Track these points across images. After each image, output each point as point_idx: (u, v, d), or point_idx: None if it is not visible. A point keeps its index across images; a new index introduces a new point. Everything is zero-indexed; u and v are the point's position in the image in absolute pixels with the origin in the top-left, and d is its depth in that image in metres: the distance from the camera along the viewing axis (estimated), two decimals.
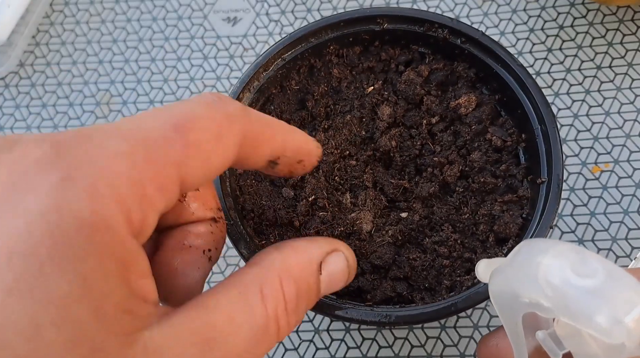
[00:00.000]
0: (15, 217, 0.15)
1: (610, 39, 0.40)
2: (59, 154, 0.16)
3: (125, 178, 0.16)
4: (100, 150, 0.16)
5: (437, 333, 0.34)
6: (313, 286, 0.21)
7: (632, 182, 0.36)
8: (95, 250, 0.15)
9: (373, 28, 0.32)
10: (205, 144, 0.17)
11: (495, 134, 0.30)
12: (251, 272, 0.19)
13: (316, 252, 0.21)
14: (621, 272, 0.16)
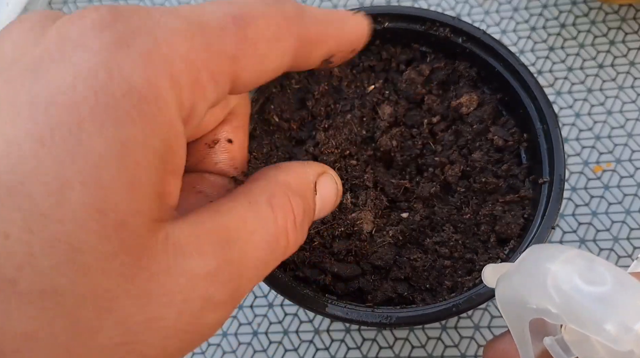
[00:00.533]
0: (61, 69, 0.14)
1: (612, 38, 0.40)
2: (116, 19, 0.15)
3: (182, 56, 0.15)
4: (159, 24, 0.15)
5: (438, 333, 0.34)
6: (312, 206, 0.20)
7: (634, 181, 0.36)
8: (140, 119, 0.14)
9: (374, 27, 0.31)
10: (263, 42, 0.17)
11: (497, 134, 0.29)
12: (258, 185, 0.18)
13: (311, 172, 0.21)
14: (630, 279, 0.16)
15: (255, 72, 0.17)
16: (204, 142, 0.20)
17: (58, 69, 0.14)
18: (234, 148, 0.21)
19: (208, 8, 0.16)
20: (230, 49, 0.16)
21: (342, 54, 0.21)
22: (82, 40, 0.14)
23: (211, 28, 0.16)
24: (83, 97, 0.13)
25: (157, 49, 0.14)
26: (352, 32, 0.21)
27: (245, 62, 0.16)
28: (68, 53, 0.14)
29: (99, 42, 0.14)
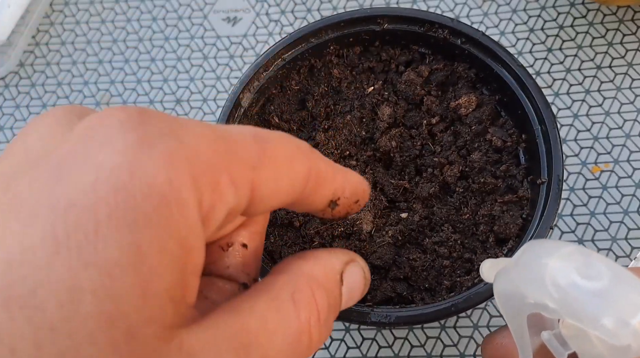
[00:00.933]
0: (85, 169, 0.14)
1: (610, 39, 0.40)
2: (143, 121, 0.15)
3: (205, 159, 0.15)
4: (185, 129, 0.15)
5: (437, 333, 0.34)
6: (338, 298, 0.20)
7: (632, 182, 0.36)
8: (159, 221, 0.14)
9: (373, 28, 0.32)
10: (281, 160, 0.17)
11: (496, 135, 0.30)
12: (280, 279, 0.18)
13: (337, 262, 0.20)
14: (627, 274, 0.16)
15: (272, 188, 0.17)
16: (218, 245, 0.20)
17: (82, 169, 0.14)
18: (248, 253, 0.20)
19: (232, 126, 0.17)
20: (251, 159, 0.16)
21: (346, 201, 0.21)
22: (108, 140, 0.14)
23: (234, 138, 0.16)
24: (103, 198, 0.13)
25: (181, 150, 0.15)
26: (356, 181, 0.21)
27: (264, 175, 0.17)
28: (93, 152, 0.14)
29: (124, 142, 0.14)
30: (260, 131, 0.17)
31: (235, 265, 0.20)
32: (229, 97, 0.30)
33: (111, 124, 0.15)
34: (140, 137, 0.14)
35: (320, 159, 0.19)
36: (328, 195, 0.20)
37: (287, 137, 0.18)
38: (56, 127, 0.16)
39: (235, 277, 0.20)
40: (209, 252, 0.20)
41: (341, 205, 0.21)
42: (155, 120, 0.15)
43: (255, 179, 0.16)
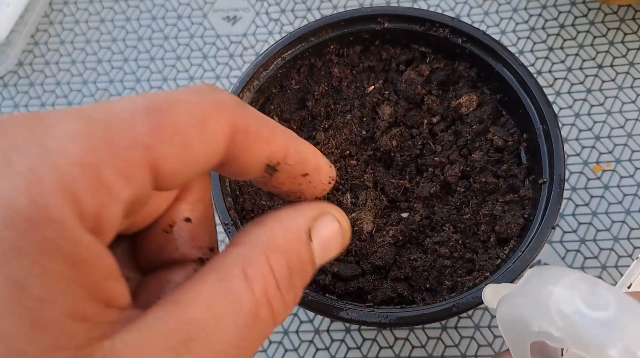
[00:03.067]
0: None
1: (612, 38, 0.40)
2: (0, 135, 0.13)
3: (76, 161, 0.13)
4: (50, 131, 0.13)
5: (438, 333, 0.34)
6: (305, 257, 0.18)
7: (633, 181, 0.36)
8: (31, 248, 0.12)
9: (374, 27, 0.32)
10: (184, 127, 0.15)
11: (497, 134, 0.29)
12: (231, 254, 0.16)
13: (303, 219, 0.18)
14: (633, 303, 0.16)
15: (180, 160, 0.15)
16: (160, 228, 0.18)
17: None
18: (194, 227, 0.19)
19: (118, 103, 0.15)
20: (141, 138, 0.14)
21: (289, 168, 0.18)
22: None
23: (117, 121, 0.14)
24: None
25: (45, 161, 0.13)
26: (305, 151, 0.19)
27: (164, 150, 0.15)
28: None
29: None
30: (158, 98, 0.15)
31: (185, 243, 0.18)
32: None
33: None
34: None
35: (250, 114, 0.17)
36: (262, 156, 0.17)
37: (198, 95, 0.16)
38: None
39: (188, 255, 0.19)
40: (154, 238, 0.18)
41: (282, 174, 0.18)
42: (14, 129, 0.13)
43: (152, 158, 0.15)
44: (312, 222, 0.19)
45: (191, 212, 0.19)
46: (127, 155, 0.14)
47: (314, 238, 0.18)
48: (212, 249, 0.19)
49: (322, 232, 0.19)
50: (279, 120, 0.31)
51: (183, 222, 0.18)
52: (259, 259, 0.16)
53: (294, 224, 0.18)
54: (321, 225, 0.19)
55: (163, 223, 0.18)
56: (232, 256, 0.16)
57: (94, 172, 0.14)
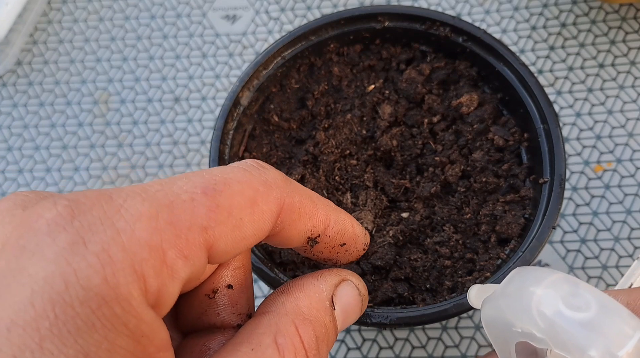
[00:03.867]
0: (20, 284, 0.14)
1: (613, 37, 0.40)
2: (73, 215, 0.14)
3: (144, 242, 0.15)
4: (119, 212, 0.15)
5: (438, 334, 0.34)
6: (330, 325, 0.19)
7: (634, 181, 0.36)
8: (101, 323, 0.14)
9: (374, 26, 0.31)
10: (237, 208, 0.16)
11: (497, 133, 0.29)
12: (262, 323, 0.17)
13: (325, 286, 0.19)
14: (614, 304, 0.16)
15: (233, 240, 0.16)
16: (203, 293, 0.20)
17: (17, 284, 0.14)
18: (236, 292, 0.20)
19: (178, 182, 0.16)
20: (200, 220, 0.16)
21: (329, 240, 0.20)
22: (38, 248, 0.14)
23: (179, 202, 0.15)
24: (42, 313, 0.13)
25: (116, 241, 0.14)
26: (344, 221, 0.20)
27: (219, 231, 0.16)
28: (25, 264, 0.14)
29: (55, 247, 0.14)
30: (214, 179, 0.16)
31: (225, 310, 0.19)
32: (228, 95, 0.30)
33: (40, 228, 0.14)
34: (72, 237, 0.14)
35: (295, 191, 0.18)
36: (305, 230, 0.19)
37: (249, 174, 0.17)
38: None
39: (228, 321, 0.19)
40: (197, 303, 0.19)
41: (322, 245, 0.20)
42: (87, 210, 0.15)
43: (209, 239, 0.16)
44: (333, 289, 0.20)
45: (233, 278, 0.20)
46: (187, 237, 0.15)
47: (336, 305, 0.19)
48: (250, 315, 0.20)
49: (343, 299, 0.20)
50: (279, 120, 0.31)
51: (225, 289, 0.20)
52: (288, 328, 0.17)
53: (318, 293, 0.19)
54: (342, 292, 0.20)
55: (206, 288, 0.20)
56: (262, 325, 0.17)
57: (159, 253, 0.15)
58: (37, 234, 0.14)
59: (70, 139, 0.42)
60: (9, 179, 0.41)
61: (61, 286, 0.13)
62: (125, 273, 0.14)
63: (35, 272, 0.14)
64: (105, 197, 0.15)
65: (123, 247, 0.14)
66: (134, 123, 0.42)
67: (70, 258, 0.14)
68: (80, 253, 0.14)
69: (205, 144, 0.41)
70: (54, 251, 0.14)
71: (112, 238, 0.14)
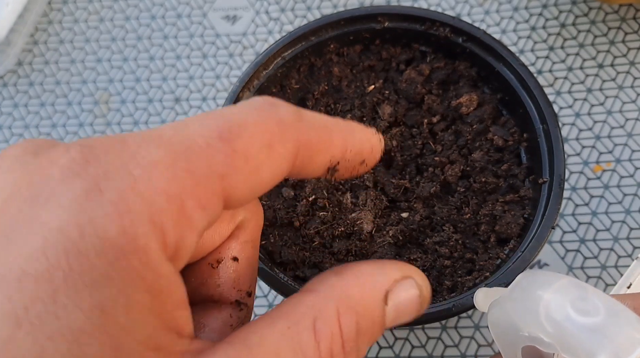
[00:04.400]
0: (31, 232, 0.13)
1: (612, 38, 0.40)
2: (87, 161, 0.14)
3: (162, 192, 0.14)
4: (135, 158, 0.14)
5: (438, 333, 0.34)
6: (377, 320, 0.17)
7: (633, 181, 0.36)
8: (119, 276, 0.13)
9: (374, 26, 0.31)
10: (255, 154, 0.15)
11: (497, 134, 0.29)
12: (304, 301, 0.16)
13: (383, 279, 0.18)
14: (622, 308, 0.16)
15: (250, 185, 0.16)
16: (207, 262, 0.19)
17: (28, 234, 0.13)
18: (240, 267, 0.19)
19: (192, 126, 0.15)
20: (218, 168, 0.15)
21: (348, 163, 0.19)
22: (51, 195, 0.13)
23: (195, 149, 0.15)
24: (55, 263, 0.13)
25: (133, 190, 0.13)
26: (361, 141, 0.19)
27: (236, 178, 0.15)
28: (37, 212, 0.13)
29: (69, 194, 0.13)
30: (227, 122, 0.15)
31: (227, 282, 0.19)
32: (229, 96, 0.30)
33: (53, 174, 0.14)
34: (87, 184, 0.13)
35: (310, 125, 0.17)
36: (324, 163, 0.18)
37: (263, 114, 0.16)
38: (9, 175, 0.14)
39: (227, 296, 0.19)
40: (199, 271, 0.18)
41: (342, 169, 0.19)
42: (102, 156, 0.14)
43: (226, 186, 0.15)
44: (392, 284, 0.18)
45: (240, 251, 0.19)
46: (205, 186, 0.14)
47: (389, 301, 0.18)
48: (250, 294, 0.19)
49: (400, 296, 0.18)
50: None
51: (230, 260, 0.19)
52: (330, 314, 0.16)
53: (373, 283, 0.18)
54: (400, 289, 0.18)
55: (211, 258, 0.19)
56: (304, 304, 0.16)
57: (178, 203, 0.14)
58: (49, 181, 0.13)
59: (70, 139, 0.42)
60: None
61: (76, 235, 0.13)
62: (144, 223, 0.13)
63: (48, 220, 0.13)
64: (120, 142, 0.14)
65: (141, 196, 0.13)
66: (134, 123, 0.42)
67: (85, 206, 0.13)
68: (96, 201, 0.13)
69: None
70: (68, 198, 0.13)
71: (129, 186, 0.13)
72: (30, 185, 0.14)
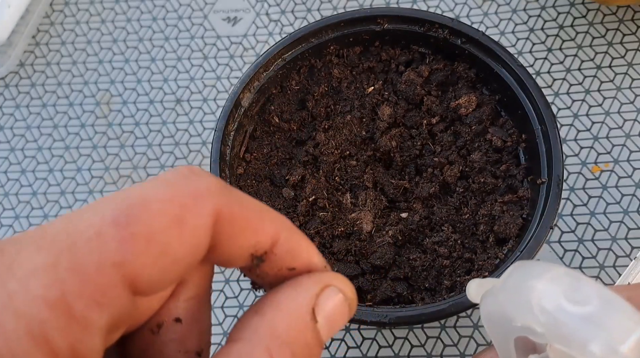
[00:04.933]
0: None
1: (610, 39, 0.40)
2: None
3: (41, 301, 0.12)
4: (11, 270, 0.13)
5: (437, 333, 0.34)
6: (312, 341, 0.16)
7: (632, 181, 0.36)
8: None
9: (373, 28, 0.32)
10: (160, 232, 0.14)
11: (496, 134, 0.30)
12: (232, 353, 0.15)
13: (304, 299, 0.16)
14: (616, 298, 0.16)
15: (159, 268, 0.14)
16: (148, 328, 0.17)
17: None
18: (185, 327, 0.17)
19: (87, 214, 0.14)
20: (110, 257, 0.13)
21: (276, 260, 0.17)
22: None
23: (82, 243, 0.13)
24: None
25: (7, 307, 0.12)
26: (297, 242, 0.17)
27: (139, 262, 0.13)
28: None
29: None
30: (126, 202, 0.14)
31: (170, 346, 0.17)
32: (229, 97, 0.30)
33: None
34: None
35: (236, 200, 0.15)
36: (248, 246, 0.16)
37: (174, 187, 0.14)
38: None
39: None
40: (139, 340, 0.17)
41: (269, 265, 0.17)
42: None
43: (127, 274, 0.13)
44: (314, 299, 0.17)
45: (183, 311, 0.17)
46: (97, 281, 0.13)
47: (318, 317, 0.17)
48: (200, 353, 0.18)
49: (326, 307, 0.17)
50: (279, 121, 0.31)
51: (172, 323, 0.17)
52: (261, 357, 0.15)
53: (296, 308, 0.16)
54: (324, 301, 0.17)
55: (152, 323, 0.17)
56: (233, 355, 0.15)
57: (62, 308, 0.13)
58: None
59: (72, 140, 0.42)
60: (11, 179, 0.42)
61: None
62: (23, 341, 0.12)
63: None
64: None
65: (15, 313, 0.12)
66: (135, 124, 0.42)
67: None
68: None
69: (207, 145, 0.41)
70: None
71: (2, 305, 0.12)
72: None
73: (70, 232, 0.13)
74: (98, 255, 0.13)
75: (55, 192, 0.41)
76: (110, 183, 0.41)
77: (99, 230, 0.13)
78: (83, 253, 0.13)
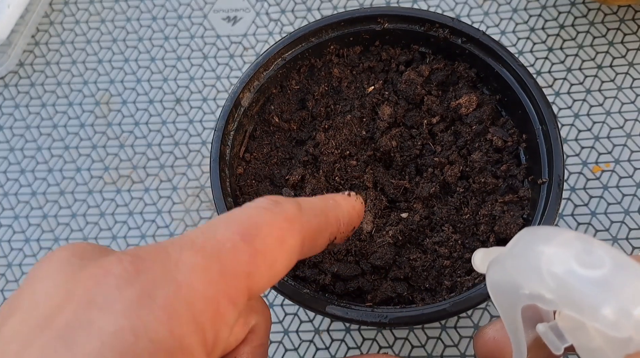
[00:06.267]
0: (89, 336, 0.14)
1: (611, 39, 0.40)
2: (138, 271, 0.15)
3: (200, 295, 0.16)
4: (178, 266, 0.16)
5: (438, 333, 0.34)
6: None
7: (632, 181, 0.36)
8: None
9: (373, 28, 0.32)
10: (271, 250, 0.17)
11: (496, 134, 0.29)
12: None
13: None
14: (629, 261, 0.15)
15: (267, 278, 0.18)
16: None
17: (87, 336, 0.14)
18: None
19: (219, 231, 0.17)
20: (244, 267, 0.17)
21: (343, 234, 0.22)
22: (106, 302, 0.15)
23: (224, 252, 0.17)
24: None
25: (179, 295, 0.15)
26: (349, 215, 0.22)
27: (258, 274, 0.17)
28: (94, 317, 0.15)
29: (122, 301, 0.15)
30: (246, 224, 0.17)
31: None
32: (229, 96, 0.30)
33: (108, 283, 0.15)
34: (138, 292, 0.15)
35: (310, 215, 0.19)
36: (326, 241, 0.21)
37: (272, 213, 0.18)
38: (60, 277, 0.16)
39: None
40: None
41: (339, 239, 0.22)
42: (151, 266, 0.16)
43: (250, 283, 0.17)
44: None
45: (252, 355, 0.20)
46: (235, 285, 0.16)
47: None
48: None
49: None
50: (279, 121, 0.31)
51: None
52: None
53: None
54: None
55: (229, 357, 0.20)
56: None
57: (214, 304, 0.16)
58: (104, 288, 0.15)
59: (71, 140, 0.42)
60: (10, 179, 0.42)
61: (131, 339, 0.14)
62: (189, 325, 0.15)
63: (104, 325, 0.14)
64: (162, 251, 0.16)
65: (185, 300, 0.15)
66: (135, 124, 0.42)
67: (138, 312, 0.15)
68: (147, 307, 0.15)
69: (206, 145, 0.41)
70: (123, 305, 0.15)
71: (174, 292, 0.15)
72: (86, 291, 0.15)
73: (214, 242, 0.17)
74: (236, 264, 0.17)
75: (54, 192, 0.41)
76: (109, 183, 0.41)
77: (234, 244, 0.17)
78: (226, 262, 0.16)
